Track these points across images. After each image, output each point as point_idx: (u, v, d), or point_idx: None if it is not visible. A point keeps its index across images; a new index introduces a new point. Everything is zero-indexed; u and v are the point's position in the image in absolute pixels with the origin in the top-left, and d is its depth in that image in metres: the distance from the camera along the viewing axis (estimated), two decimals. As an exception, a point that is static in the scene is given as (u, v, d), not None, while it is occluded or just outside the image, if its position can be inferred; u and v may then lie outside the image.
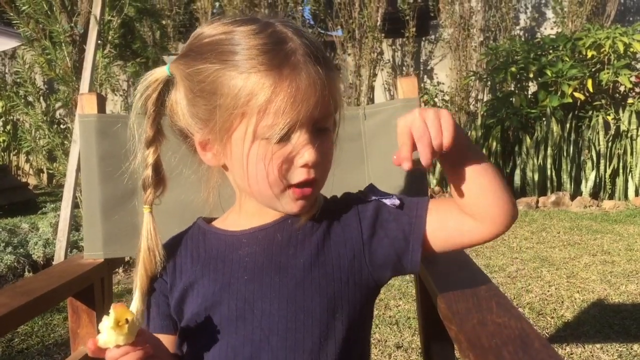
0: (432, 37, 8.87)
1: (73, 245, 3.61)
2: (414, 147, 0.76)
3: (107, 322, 0.75)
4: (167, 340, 0.90)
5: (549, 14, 8.43)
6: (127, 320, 0.74)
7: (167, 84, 0.87)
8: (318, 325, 0.83)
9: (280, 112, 0.76)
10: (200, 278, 0.88)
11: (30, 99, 4.03)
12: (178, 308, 0.89)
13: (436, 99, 8.28)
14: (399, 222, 0.87)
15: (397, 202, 0.88)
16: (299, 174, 0.80)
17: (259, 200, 0.86)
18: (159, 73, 0.87)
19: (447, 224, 0.87)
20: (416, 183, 1.32)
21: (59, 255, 2.98)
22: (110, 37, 3.69)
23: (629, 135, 5.92)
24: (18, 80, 4.06)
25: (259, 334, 0.83)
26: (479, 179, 0.82)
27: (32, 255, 3.66)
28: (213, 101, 0.80)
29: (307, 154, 0.79)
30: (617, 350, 2.40)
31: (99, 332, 0.76)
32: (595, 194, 5.91)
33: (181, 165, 0.94)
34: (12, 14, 3.70)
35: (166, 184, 0.91)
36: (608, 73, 6.01)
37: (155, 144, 0.89)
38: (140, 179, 0.91)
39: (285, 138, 0.78)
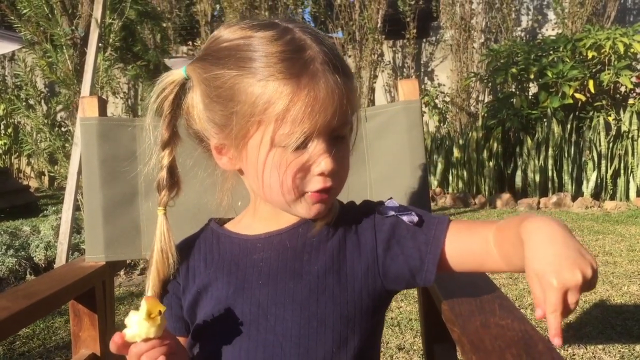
0: (433, 38, 8.88)
1: (74, 248, 3.61)
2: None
3: (136, 316, 0.74)
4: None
5: (550, 15, 8.44)
6: (159, 312, 0.74)
7: (183, 86, 0.87)
8: (331, 333, 0.82)
9: (298, 121, 0.75)
10: (214, 281, 0.87)
11: (31, 101, 4.03)
12: (191, 311, 0.89)
13: (437, 100, 8.29)
14: (416, 241, 0.85)
15: (415, 219, 0.86)
16: (315, 183, 0.80)
17: (274, 205, 0.85)
18: (176, 75, 0.87)
19: (468, 256, 0.85)
20: (417, 186, 1.32)
21: (60, 258, 2.98)
22: (111, 40, 3.69)
23: (630, 135, 5.91)
24: (19, 83, 4.06)
25: (272, 340, 0.82)
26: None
27: (34, 258, 3.66)
28: (230, 107, 0.79)
29: (324, 163, 0.78)
30: (619, 351, 2.40)
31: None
32: (596, 195, 5.91)
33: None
34: (12, 18, 3.70)
35: (180, 186, 0.90)
36: (609, 74, 6.00)
37: (171, 146, 0.88)
38: (155, 180, 0.90)
39: (302, 146, 0.77)
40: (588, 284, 0.68)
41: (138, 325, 0.73)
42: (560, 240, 0.70)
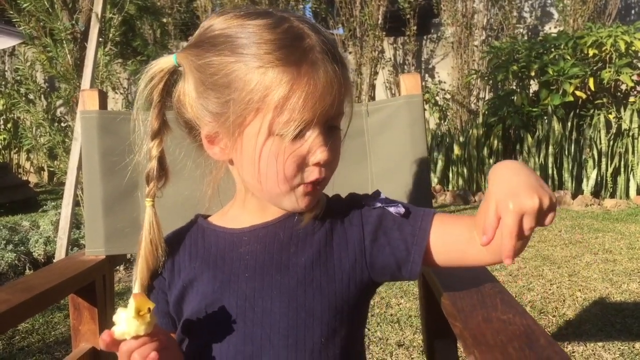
0: (434, 35, 8.87)
1: (74, 243, 3.61)
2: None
3: (124, 313, 0.73)
4: None
5: (552, 12, 8.43)
6: (148, 310, 0.73)
7: (173, 74, 0.84)
8: (319, 324, 0.82)
9: (297, 110, 0.74)
10: (199, 276, 0.86)
11: (31, 96, 4.02)
12: (177, 306, 0.88)
13: (437, 98, 8.28)
14: (402, 232, 0.86)
15: (402, 210, 0.87)
16: (311, 173, 0.79)
17: (265, 197, 0.84)
18: (165, 62, 0.84)
19: (451, 245, 0.85)
20: (418, 181, 1.32)
21: (60, 253, 2.98)
22: (111, 35, 3.68)
23: (631, 133, 5.91)
24: (19, 77, 4.06)
25: (259, 333, 0.82)
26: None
27: (33, 253, 3.66)
28: (226, 95, 0.78)
29: (321, 153, 0.78)
30: (618, 348, 2.40)
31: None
32: (596, 193, 5.91)
33: (185, 159, 0.92)
34: (12, 12, 3.70)
35: (169, 176, 0.89)
36: (610, 72, 6.00)
37: (160, 136, 0.86)
38: (144, 171, 0.89)
39: (299, 136, 0.77)
40: (545, 214, 0.71)
41: (127, 323, 0.72)
42: (523, 173, 0.73)
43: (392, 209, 0.87)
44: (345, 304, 0.85)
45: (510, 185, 0.71)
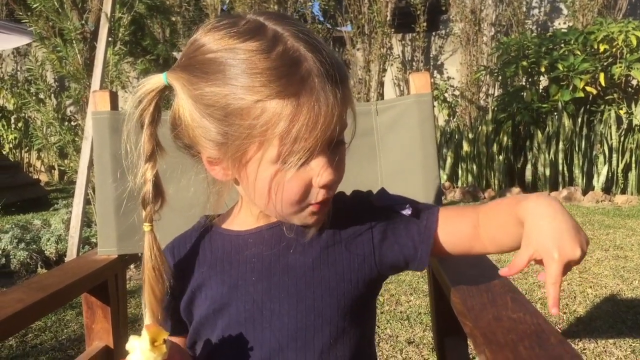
0: (443, 31, 8.84)
1: (85, 242, 3.63)
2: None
3: (138, 342, 0.72)
4: (177, 342, 0.89)
5: (562, 8, 8.38)
6: (164, 340, 0.72)
7: (163, 92, 0.81)
8: (328, 325, 0.82)
9: (300, 140, 0.72)
10: (207, 280, 0.86)
11: (41, 96, 4.05)
12: (187, 310, 0.89)
13: (446, 94, 8.26)
14: (409, 230, 0.87)
15: (408, 210, 0.88)
16: (318, 195, 0.78)
17: (274, 216, 0.84)
18: (155, 83, 0.79)
19: (457, 240, 0.88)
20: (428, 180, 1.32)
21: (71, 251, 3.00)
22: (120, 34, 3.70)
23: (642, 129, 5.88)
24: (29, 77, 4.09)
25: (268, 336, 0.82)
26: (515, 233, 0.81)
27: (45, 252, 3.69)
28: (225, 126, 0.75)
29: (327, 176, 0.76)
30: (630, 345, 2.39)
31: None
32: (607, 189, 5.88)
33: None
34: (20, 13, 3.72)
35: (164, 197, 0.84)
36: (620, 67, 5.96)
37: (154, 158, 0.82)
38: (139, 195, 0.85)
39: (304, 163, 0.75)
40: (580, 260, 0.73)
41: (143, 354, 0.71)
42: (559, 217, 0.74)
43: (398, 207, 0.88)
44: (354, 304, 0.85)
45: (553, 234, 0.73)
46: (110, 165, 1.34)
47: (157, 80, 0.80)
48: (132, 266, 3.59)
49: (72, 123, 4.25)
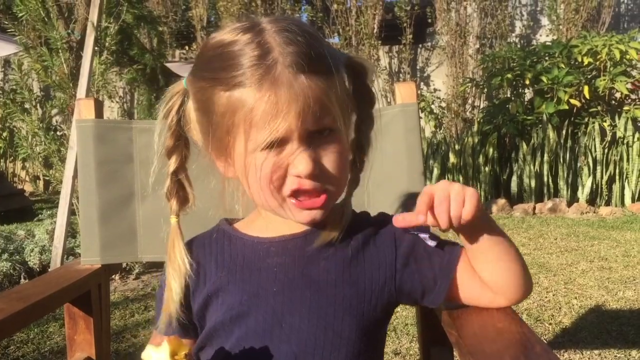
0: (429, 44, 8.90)
1: (69, 252, 3.59)
2: (431, 210, 0.79)
3: (156, 354, 0.70)
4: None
5: (545, 21, 8.47)
6: (185, 355, 0.71)
7: (187, 96, 0.86)
8: (346, 345, 0.82)
9: (261, 126, 0.74)
10: (225, 285, 0.85)
11: (26, 105, 4.01)
12: (200, 314, 0.87)
13: (433, 106, 8.30)
14: (432, 262, 0.87)
15: (434, 242, 0.88)
16: (291, 183, 0.78)
17: (267, 210, 0.84)
18: (177, 87, 0.87)
19: (470, 282, 0.88)
20: (415, 189, 1.32)
21: (55, 262, 2.96)
22: (107, 44, 3.69)
23: (625, 141, 5.94)
24: (14, 87, 4.05)
25: (285, 349, 0.81)
26: (494, 253, 0.85)
27: (28, 262, 3.64)
28: (209, 118, 0.80)
29: (299, 164, 0.76)
30: (615, 356, 2.40)
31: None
32: (591, 201, 5.93)
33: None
34: (7, 22, 3.69)
35: (189, 196, 0.89)
36: (604, 80, 6.03)
37: (176, 154, 0.87)
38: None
39: (278, 149, 0.76)
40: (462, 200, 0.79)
41: None
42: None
43: (423, 236, 0.88)
44: (372, 325, 0.85)
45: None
46: (94, 174, 1.33)
47: (179, 84, 0.87)
48: (116, 277, 3.56)
49: (58, 133, 4.21)
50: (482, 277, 0.87)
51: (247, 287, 0.84)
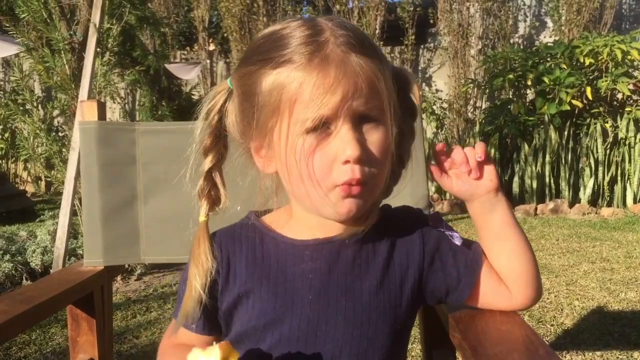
0: (431, 44, 8.90)
1: (71, 253, 3.60)
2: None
3: (203, 357, 0.68)
4: (201, 341, 0.85)
5: (548, 22, 8.47)
6: None
7: (229, 96, 0.84)
8: (379, 350, 0.81)
9: (311, 104, 0.71)
10: (257, 288, 0.82)
11: (28, 106, 4.02)
12: (228, 313, 0.84)
13: (435, 107, 8.30)
14: (456, 260, 0.86)
15: (459, 240, 0.87)
16: (342, 173, 0.73)
17: (306, 204, 0.80)
18: (222, 85, 0.85)
19: (489, 281, 0.87)
20: (417, 191, 1.32)
21: (57, 263, 2.96)
22: (109, 45, 3.69)
23: (627, 142, 5.93)
24: (16, 88, 4.05)
25: (319, 357, 0.79)
26: (514, 242, 0.86)
27: (30, 263, 3.64)
28: (255, 102, 0.77)
29: (349, 149, 0.72)
30: (617, 357, 2.40)
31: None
32: (593, 202, 5.92)
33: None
34: (8, 25, 3.70)
35: (221, 197, 0.85)
36: (606, 81, 6.02)
37: (213, 152, 0.84)
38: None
39: (324, 132, 0.73)
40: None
41: None
42: None
43: (449, 234, 0.87)
44: (404, 328, 0.84)
45: None
46: (97, 176, 1.33)
47: (224, 82, 0.85)
48: (118, 278, 3.56)
49: (60, 134, 4.22)
50: (499, 267, 0.87)
51: (281, 293, 0.81)
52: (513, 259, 0.86)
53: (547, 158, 5.97)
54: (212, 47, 9.69)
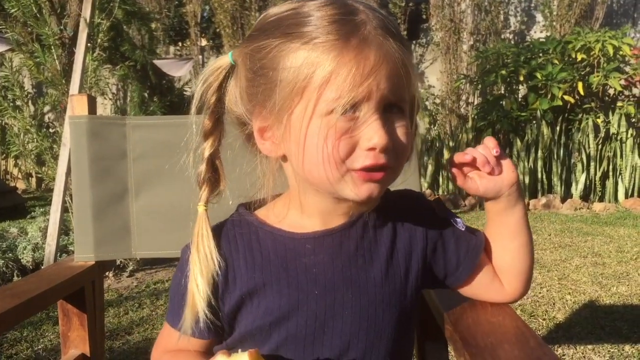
0: (423, 40, 8.91)
1: (62, 250, 3.58)
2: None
3: None
4: (200, 345, 0.83)
5: (539, 17, 8.49)
6: None
7: (229, 73, 0.80)
8: (386, 342, 0.80)
9: (345, 85, 0.67)
10: (260, 287, 0.78)
11: (18, 102, 3.99)
12: (232, 316, 0.81)
13: (427, 102, 8.31)
14: (458, 245, 0.86)
15: (463, 226, 0.87)
16: (364, 158, 0.70)
17: (319, 186, 0.75)
18: (222, 61, 0.80)
19: (486, 269, 0.88)
20: (409, 187, 1.32)
21: (48, 260, 2.95)
22: (99, 40, 3.67)
23: (619, 138, 5.96)
24: (5, 84, 4.03)
25: (328, 354, 0.78)
26: (523, 238, 0.87)
27: (21, 260, 3.62)
28: (274, 77, 0.71)
29: (377, 137, 0.69)
30: (608, 351, 2.41)
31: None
32: (585, 197, 5.95)
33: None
34: (-1, 21, 3.67)
35: (221, 184, 0.81)
36: (598, 76, 6.05)
37: (213, 136, 0.80)
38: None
39: (351, 116, 0.69)
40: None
41: None
42: None
43: (453, 220, 0.87)
44: (407, 315, 0.83)
45: None
46: (87, 171, 1.32)
47: (224, 57, 0.80)
48: (110, 275, 3.55)
49: (50, 130, 4.19)
50: (502, 263, 0.88)
51: (285, 290, 0.78)
52: (519, 256, 0.87)
53: (540, 153, 5.99)
54: (204, 43, 9.66)
